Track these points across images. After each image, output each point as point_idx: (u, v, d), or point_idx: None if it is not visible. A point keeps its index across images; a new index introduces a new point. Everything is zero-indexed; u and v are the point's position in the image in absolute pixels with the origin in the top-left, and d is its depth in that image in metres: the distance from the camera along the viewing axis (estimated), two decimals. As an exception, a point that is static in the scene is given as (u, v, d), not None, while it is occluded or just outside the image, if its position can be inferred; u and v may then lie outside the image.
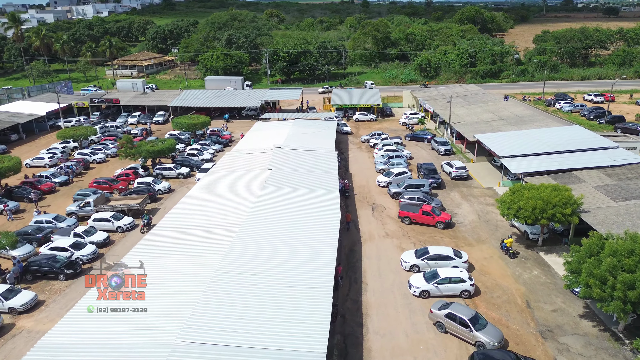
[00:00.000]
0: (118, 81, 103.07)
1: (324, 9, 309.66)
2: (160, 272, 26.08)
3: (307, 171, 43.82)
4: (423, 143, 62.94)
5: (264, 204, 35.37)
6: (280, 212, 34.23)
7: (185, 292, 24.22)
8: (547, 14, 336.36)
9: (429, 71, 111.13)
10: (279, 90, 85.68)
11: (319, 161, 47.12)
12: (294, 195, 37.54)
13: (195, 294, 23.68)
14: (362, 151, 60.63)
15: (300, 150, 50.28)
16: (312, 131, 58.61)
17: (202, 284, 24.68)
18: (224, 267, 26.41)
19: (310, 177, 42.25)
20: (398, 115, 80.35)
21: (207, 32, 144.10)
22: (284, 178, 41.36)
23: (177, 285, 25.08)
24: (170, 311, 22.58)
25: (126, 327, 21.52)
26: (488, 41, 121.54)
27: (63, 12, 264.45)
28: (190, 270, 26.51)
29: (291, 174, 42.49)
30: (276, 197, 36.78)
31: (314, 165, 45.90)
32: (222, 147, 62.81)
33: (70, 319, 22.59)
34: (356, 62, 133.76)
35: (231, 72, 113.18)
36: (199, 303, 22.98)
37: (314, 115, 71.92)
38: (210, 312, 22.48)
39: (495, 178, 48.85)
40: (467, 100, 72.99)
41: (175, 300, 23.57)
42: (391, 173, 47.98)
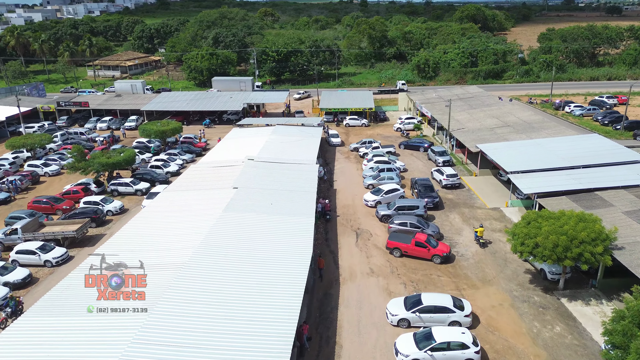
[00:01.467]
0: (116, 82, 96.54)
1: (321, 8, 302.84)
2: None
3: (279, 190, 36.96)
4: (419, 152, 56.07)
5: (217, 237, 28.47)
6: (235, 249, 27.35)
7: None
8: (549, 13, 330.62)
9: (427, 71, 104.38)
10: (264, 92, 78.99)
11: (297, 177, 40.25)
12: (257, 224, 30.67)
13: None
14: (351, 162, 53.76)
15: (276, 163, 43.40)
16: (294, 139, 51.76)
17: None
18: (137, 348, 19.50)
19: (282, 198, 35.38)
20: (393, 120, 73.47)
21: (195, 30, 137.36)
22: (250, 200, 34.51)
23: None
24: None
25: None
26: (490, 39, 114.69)
27: (52, 11, 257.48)
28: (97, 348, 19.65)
29: (259, 195, 35.62)
30: (234, 227, 29.90)
31: (289, 182, 39.03)
32: (194, 156, 55.92)
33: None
34: (351, 62, 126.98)
35: (217, 73, 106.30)
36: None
37: (301, 120, 65.01)
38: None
39: (502, 196, 41.96)
40: (469, 103, 66.12)
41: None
42: (381, 190, 41.08)
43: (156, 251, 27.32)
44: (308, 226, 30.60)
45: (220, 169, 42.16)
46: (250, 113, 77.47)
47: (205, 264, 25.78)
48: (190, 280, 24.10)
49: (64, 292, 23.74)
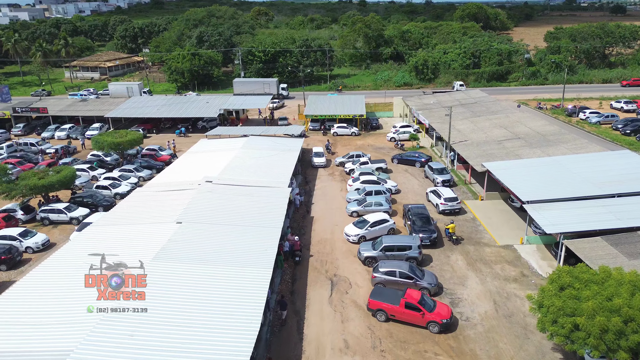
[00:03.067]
0: (110, 85, 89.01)
1: (319, 7, 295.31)
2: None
3: (234, 226, 29.16)
4: (415, 168, 48.24)
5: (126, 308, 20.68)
6: (145, 329, 19.53)
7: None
8: (551, 13, 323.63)
9: (426, 73, 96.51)
10: (244, 97, 71.18)
11: (261, 206, 32.45)
12: (190, 282, 22.85)
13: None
14: (334, 179, 45.92)
15: (239, 187, 35.62)
16: (267, 154, 43.96)
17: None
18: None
19: (236, 238, 27.57)
20: (387, 127, 65.69)
21: (181, 29, 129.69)
22: (192, 241, 26.69)
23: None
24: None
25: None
26: (493, 39, 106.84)
27: (40, 10, 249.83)
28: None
29: (207, 234, 27.81)
30: (158, 289, 22.07)
31: (250, 213, 31.24)
32: (153, 172, 48.03)
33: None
34: (345, 63, 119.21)
35: (199, 75, 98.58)
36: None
37: (282, 129, 57.01)
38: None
39: (515, 229, 34.13)
40: (472, 110, 58.33)
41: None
42: (366, 222, 33.25)
43: (49, 324, 19.53)
44: (260, 286, 22.75)
45: (169, 195, 34.36)
46: (229, 120, 69.68)
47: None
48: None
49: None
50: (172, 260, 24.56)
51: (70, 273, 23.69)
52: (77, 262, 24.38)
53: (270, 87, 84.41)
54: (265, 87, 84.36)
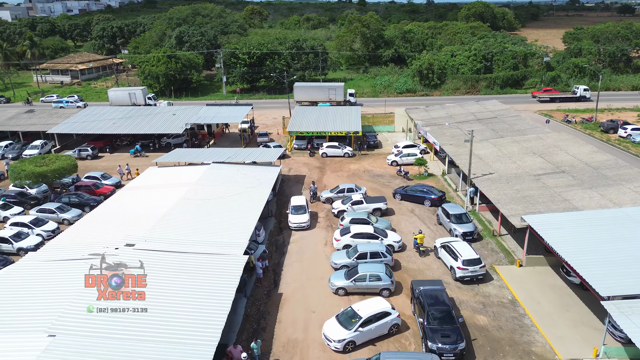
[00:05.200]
0: (110, 91, 77.88)
1: (317, 7, 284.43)
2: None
3: (139, 340, 18.06)
4: (424, 207, 37.14)
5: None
6: None
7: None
8: (557, 13, 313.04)
9: (431, 78, 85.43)
10: (218, 107, 60.01)
11: (195, 296, 21.37)
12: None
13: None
14: (319, 226, 34.73)
15: (170, 253, 24.54)
16: (226, 192, 32.91)
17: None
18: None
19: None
20: (387, 146, 54.62)
21: (163, 29, 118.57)
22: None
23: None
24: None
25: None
26: (507, 39, 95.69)
27: (24, 9, 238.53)
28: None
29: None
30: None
31: (174, 309, 20.16)
32: (84, 212, 36.78)
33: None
34: (341, 66, 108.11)
35: (176, 79, 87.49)
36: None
37: (258, 154, 44.88)
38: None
39: (581, 325, 22.97)
40: (492, 127, 47.26)
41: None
42: (356, 316, 22.06)
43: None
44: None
45: (60, 271, 23.24)
46: (199, 135, 58.54)
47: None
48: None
49: None
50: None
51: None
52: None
53: (336, 94, 73.10)
54: (330, 93, 73.16)
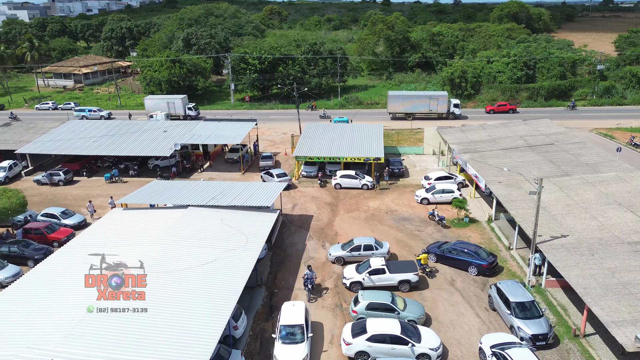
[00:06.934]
0: (146, 99, 69.75)
1: (339, 7, 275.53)
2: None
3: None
4: (468, 276, 27.52)
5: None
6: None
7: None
8: (592, 14, 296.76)
9: (464, 87, 75.34)
10: (216, 124, 51.33)
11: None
12: None
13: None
14: (323, 306, 25.42)
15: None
16: (197, 259, 23.99)
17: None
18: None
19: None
20: (414, 174, 45.05)
21: (174, 30, 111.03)
22: None
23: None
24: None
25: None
26: (552, 44, 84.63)
27: (42, 8, 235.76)
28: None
29: None
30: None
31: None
32: (18, 273, 28.23)
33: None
34: (362, 72, 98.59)
35: (179, 86, 79.50)
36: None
37: (252, 191, 35.24)
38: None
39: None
40: (549, 156, 37.24)
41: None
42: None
43: None
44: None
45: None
46: (192, 157, 49.95)
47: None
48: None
49: None
50: None
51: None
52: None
53: (438, 104, 63.94)
54: (431, 103, 63.96)
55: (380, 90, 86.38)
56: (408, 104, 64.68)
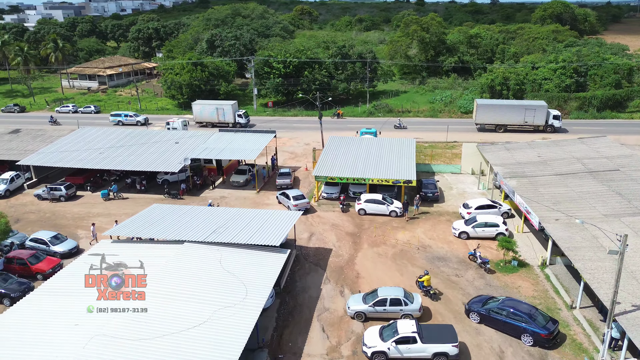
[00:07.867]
0: (195, 104, 65.88)
1: (371, 7, 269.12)
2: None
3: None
4: (522, 345, 21.98)
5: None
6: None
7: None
8: (639, 14, 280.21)
9: (506, 95, 68.85)
10: (232, 135, 46.99)
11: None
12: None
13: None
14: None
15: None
16: (182, 321, 19.47)
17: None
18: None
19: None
20: (450, 197, 39.46)
21: (200, 31, 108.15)
22: None
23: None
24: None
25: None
26: (604, 48, 76.90)
27: (77, 8, 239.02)
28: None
29: None
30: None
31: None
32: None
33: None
34: (394, 77, 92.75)
35: (201, 90, 75.94)
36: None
37: (261, 222, 29.04)
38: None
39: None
40: (614, 186, 31.09)
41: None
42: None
43: None
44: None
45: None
46: (204, 171, 45.78)
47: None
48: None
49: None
50: None
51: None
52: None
53: (535, 116, 57.36)
54: (527, 114, 57.41)
55: (412, 97, 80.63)
56: (500, 114, 58.43)
